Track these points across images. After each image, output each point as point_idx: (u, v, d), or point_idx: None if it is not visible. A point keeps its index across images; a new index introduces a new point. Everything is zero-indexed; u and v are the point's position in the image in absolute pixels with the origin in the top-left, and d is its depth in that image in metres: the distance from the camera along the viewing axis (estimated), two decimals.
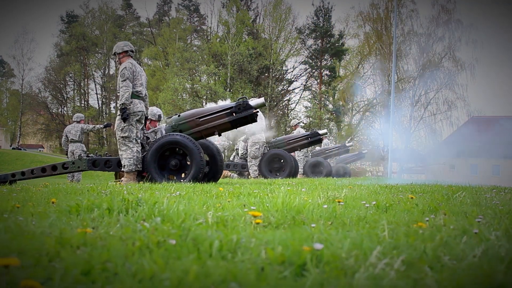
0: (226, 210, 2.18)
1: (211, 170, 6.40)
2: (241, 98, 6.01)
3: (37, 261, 1.18)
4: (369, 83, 35.07)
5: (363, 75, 35.41)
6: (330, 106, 38.41)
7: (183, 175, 5.97)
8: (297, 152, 12.18)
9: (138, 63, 5.90)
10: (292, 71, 40.13)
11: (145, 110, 6.06)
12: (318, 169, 12.98)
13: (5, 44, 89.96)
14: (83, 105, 46.65)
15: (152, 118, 7.31)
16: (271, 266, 1.18)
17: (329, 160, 14.18)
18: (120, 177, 6.56)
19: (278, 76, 38.35)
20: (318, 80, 39.58)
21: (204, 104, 34.26)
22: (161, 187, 4.09)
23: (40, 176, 6.40)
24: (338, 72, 38.28)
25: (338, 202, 2.63)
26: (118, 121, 5.88)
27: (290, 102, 40.81)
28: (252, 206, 2.35)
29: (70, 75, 46.50)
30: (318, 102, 37.38)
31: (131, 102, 5.84)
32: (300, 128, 13.25)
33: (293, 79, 40.31)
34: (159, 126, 7.13)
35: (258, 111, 6.11)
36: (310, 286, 1.05)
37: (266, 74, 37.02)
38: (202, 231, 1.52)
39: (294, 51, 39.14)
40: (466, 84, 37.44)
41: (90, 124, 28.96)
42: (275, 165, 10.65)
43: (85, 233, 1.46)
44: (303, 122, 34.42)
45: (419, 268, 1.19)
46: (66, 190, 3.62)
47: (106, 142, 43.79)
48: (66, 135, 9.99)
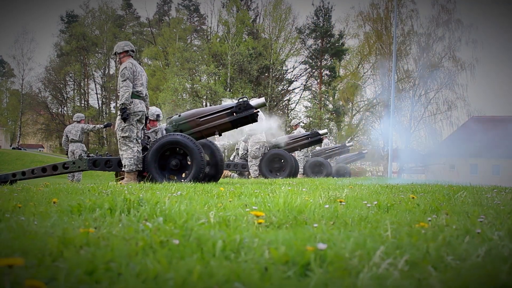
0: (228, 210, 2.17)
1: (212, 170, 6.41)
2: (241, 98, 6.02)
3: (40, 261, 1.18)
4: (369, 83, 35.11)
5: (363, 75, 35.42)
6: (330, 106, 38.40)
7: (184, 175, 5.97)
8: (297, 152, 12.17)
9: (139, 63, 5.89)
10: (292, 71, 40.19)
11: (145, 110, 6.06)
12: (318, 169, 12.98)
13: (5, 44, 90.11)
14: (83, 105, 46.60)
15: (150, 118, 7.31)
16: (275, 266, 1.18)
17: (329, 160, 14.18)
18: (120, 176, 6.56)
19: (278, 76, 38.34)
20: (318, 80, 39.57)
21: (204, 104, 34.27)
22: (161, 187, 4.08)
23: (40, 176, 6.41)
24: (338, 72, 38.26)
25: (340, 202, 2.63)
26: (119, 121, 5.88)
27: (290, 102, 40.85)
28: (253, 206, 2.35)
29: (70, 75, 46.46)
30: (318, 102, 37.37)
31: (132, 102, 5.84)
32: (300, 128, 13.26)
33: (293, 79, 40.35)
34: (160, 126, 7.13)
35: (258, 111, 6.11)
36: (314, 286, 1.05)
37: (266, 74, 37.02)
38: (205, 231, 1.52)
39: (294, 51, 39.16)
40: (466, 84, 37.43)
41: (90, 124, 28.92)
42: (276, 165, 10.66)
43: (87, 233, 1.46)
44: (303, 122, 34.41)
45: (423, 268, 1.20)
46: (67, 190, 3.63)
47: (106, 142, 43.77)
48: (67, 135, 10.00)
